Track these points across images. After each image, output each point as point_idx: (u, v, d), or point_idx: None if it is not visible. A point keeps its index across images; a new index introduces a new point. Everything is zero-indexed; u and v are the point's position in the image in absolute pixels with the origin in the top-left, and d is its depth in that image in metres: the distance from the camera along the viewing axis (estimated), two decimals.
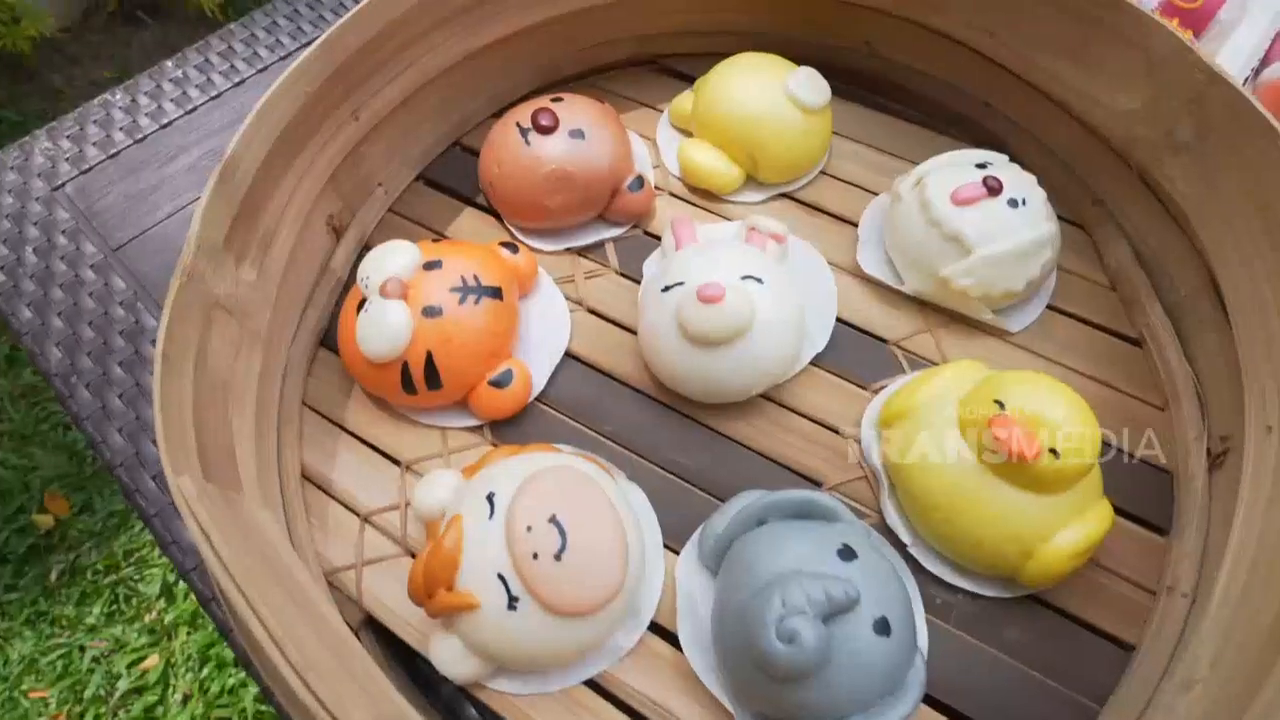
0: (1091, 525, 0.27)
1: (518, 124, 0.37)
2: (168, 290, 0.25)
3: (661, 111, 0.43)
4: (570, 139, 0.36)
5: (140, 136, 0.48)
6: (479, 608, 0.25)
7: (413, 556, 0.31)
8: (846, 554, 0.26)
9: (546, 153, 0.36)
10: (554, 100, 0.38)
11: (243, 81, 0.50)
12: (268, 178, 0.30)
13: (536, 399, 0.34)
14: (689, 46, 0.44)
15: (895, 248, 0.36)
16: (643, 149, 0.41)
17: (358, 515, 0.31)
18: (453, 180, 0.41)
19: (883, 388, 0.34)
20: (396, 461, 0.33)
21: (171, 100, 0.49)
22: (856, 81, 0.42)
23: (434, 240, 0.34)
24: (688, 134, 0.41)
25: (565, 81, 0.44)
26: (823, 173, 0.40)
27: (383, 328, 0.30)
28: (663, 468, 0.32)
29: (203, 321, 0.26)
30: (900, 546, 0.30)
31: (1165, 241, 0.34)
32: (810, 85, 0.38)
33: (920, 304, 0.36)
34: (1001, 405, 0.27)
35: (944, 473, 0.28)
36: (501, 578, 0.25)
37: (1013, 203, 0.33)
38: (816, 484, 0.32)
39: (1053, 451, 0.26)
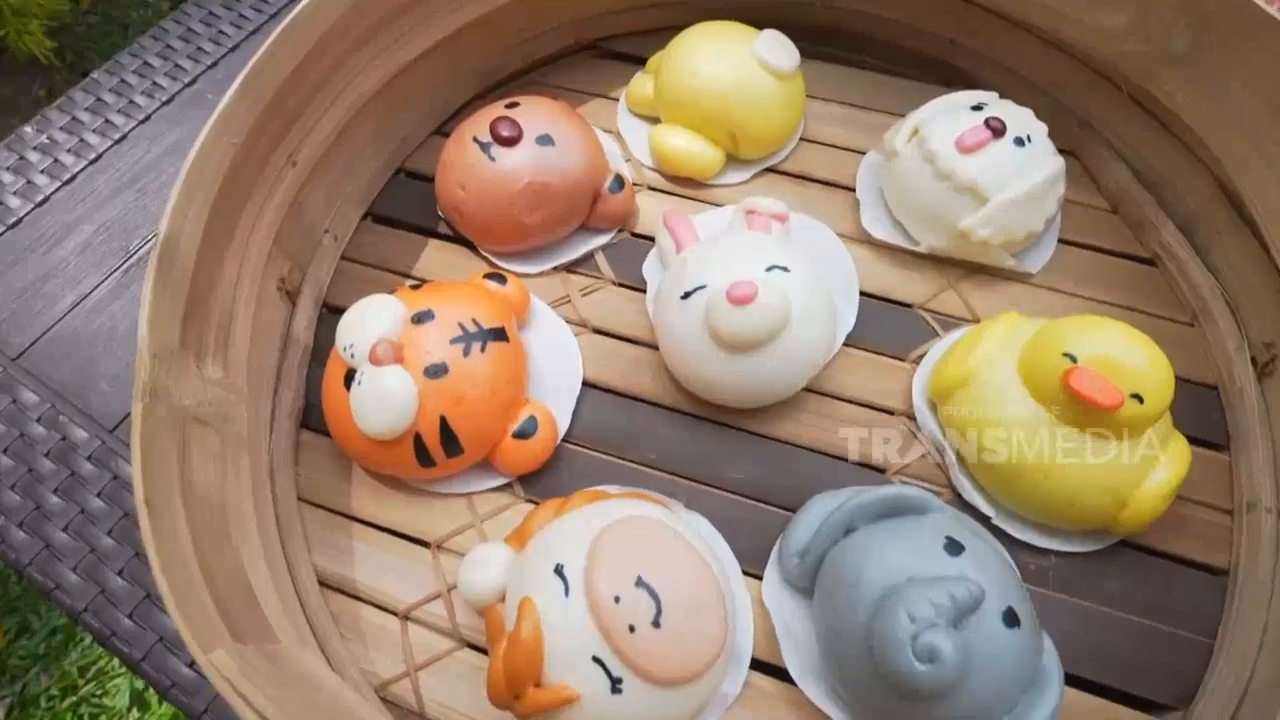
0: (1177, 461, 0.26)
1: (475, 139, 0.33)
2: (87, 397, 0.20)
3: (617, 100, 0.40)
4: (538, 146, 0.32)
5: (13, 220, 0.40)
6: (578, 700, 0.22)
7: (470, 647, 0.27)
8: (953, 548, 0.24)
9: (515, 166, 0.32)
10: (509, 106, 0.34)
11: (124, 137, 0.43)
12: (211, 253, 0.25)
13: (563, 440, 0.31)
14: (630, 24, 0.41)
15: (903, 207, 0.34)
16: (611, 144, 0.37)
17: (395, 614, 0.27)
18: (405, 212, 0.37)
19: (922, 355, 0.32)
20: (424, 543, 0.29)
21: (42, 171, 0.42)
22: (813, 38, 0.40)
23: (410, 286, 0.30)
24: (653, 120, 0.38)
25: (506, 83, 0.40)
26: (803, 139, 0.38)
27: (384, 400, 0.26)
28: (719, 487, 0.30)
29: (179, 444, 0.21)
30: (984, 520, 0.28)
31: (1166, 156, 0.33)
32: (779, 48, 0.35)
33: (935, 260, 0.34)
34: (1073, 358, 0.26)
35: (1022, 437, 0.27)
36: (598, 660, 0.22)
37: (1018, 141, 0.31)
38: (880, 470, 0.30)
39: (1135, 397, 0.25)
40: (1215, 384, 0.31)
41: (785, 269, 0.29)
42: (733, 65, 0.35)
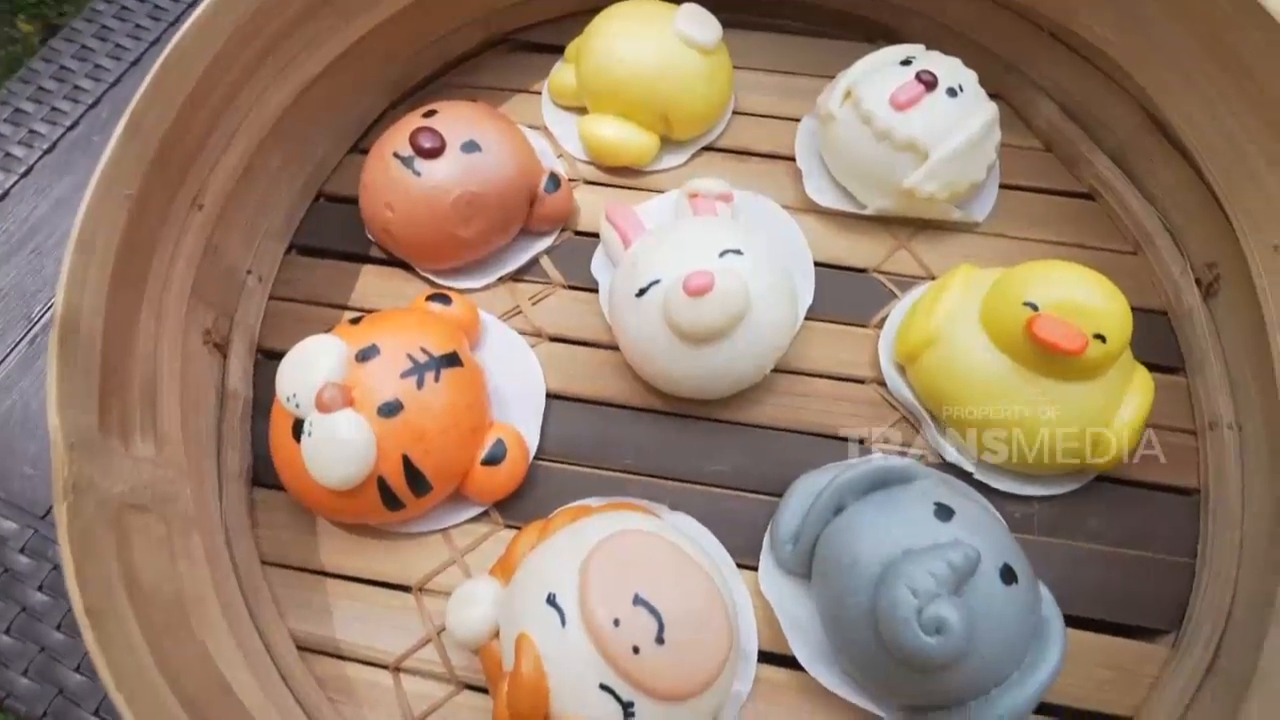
0: (1142, 391, 0.27)
1: (396, 154, 0.31)
2: (9, 485, 0.18)
3: (540, 94, 0.38)
4: (465, 154, 0.31)
5: None
6: None
7: (470, 689, 0.26)
8: (943, 513, 0.24)
9: (443, 178, 0.30)
10: (428, 115, 0.32)
11: (5, 194, 0.40)
12: (120, 318, 0.23)
13: (535, 458, 0.29)
14: (542, 12, 0.39)
15: (846, 171, 0.33)
16: (540, 141, 0.36)
17: (385, 668, 0.26)
18: (331, 240, 0.34)
19: (883, 319, 0.32)
20: (405, 588, 0.27)
21: None
22: (731, 6, 0.39)
23: (350, 321, 0.28)
24: (580, 110, 0.37)
25: (420, 89, 0.38)
26: (736, 113, 0.37)
27: (339, 449, 0.25)
28: (701, 483, 0.29)
29: (116, 539, 0.19)
30: (965, 476, 0.28)
31: (1092, 91, 0.33)
32: (700, 21, 0.34)
33: (884, 222, 0.34)
34: (1034, 307, 0.25)
35: (994, 391, 0.27)
36: (606, 688, 0.21)
37: (951, 92, 0.31)
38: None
39: (1098, 337, 0.25)
40: (1164, 309, 0.32)
41: (739, 252, 0.28)
42: (655, 45, 0.34)
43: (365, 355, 0.26)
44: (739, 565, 0.27)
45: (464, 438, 0.27)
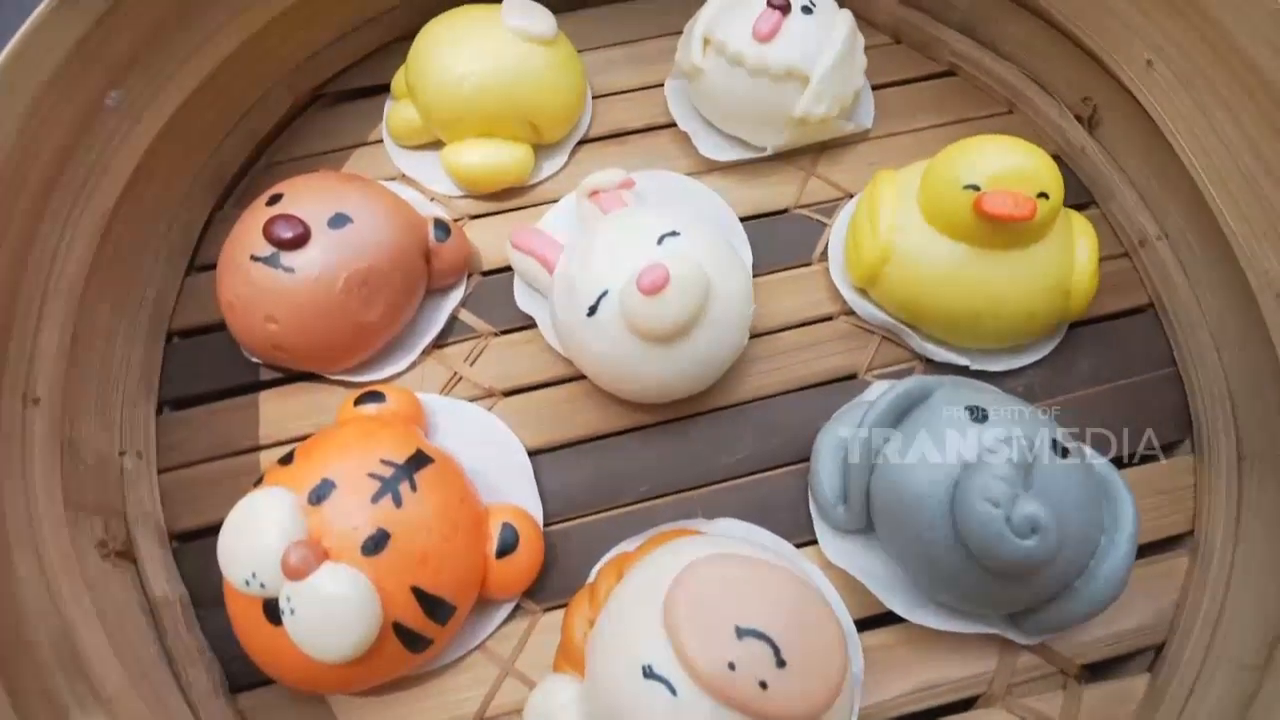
0: (1085, 230, 0.28)
1: (254, 257, 0.26)
2: None
3: (380, 142, 0.34)
4: (335, 230, 0.26)
5: None
6: None
7: None
8: (976, 414, 0.23)
9: (322, 265, 0.26)
10: (271, 202, 0.27)
11: None
12: None
13: (546, 526, 0.26)
14: (346, 56, 0.35)
15: (731, 120, 0.32)
16: (405, 191, 0.31)
17: None
18: (204, 379, 0.29)
19: (824, 251, 0.31)
20: None
21: None
22: None
23: (279, 463, 0.24)
24: (433, 145, 0.33)
25: (240, 180, 0.33)
26: (596, 98, 0.35)
27: (335, 614, 0.20)
28: (724, 479, 0.27)
29: None
30: (963, 370, 0.28)
31: None
32: (531, 13, 0.31)
33: (783, 157, 0.33)
34: (975, 187, 0.25)
35: (961, 280, 0.26)
36: None
37: (806, 9, 0.30)
38: (852, 377, 0.29)
39: (1042, 195, 0.25)
40: (1056, 154, 0.33)
41: (675, 233, 0.26)
42: (495, 51, 0.30)
43: (319, 495, 0.22)
44: (797, 546, 0.26)
45: (468, 538, 0.23)
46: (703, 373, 0.26)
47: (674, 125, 0.33)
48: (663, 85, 0.34)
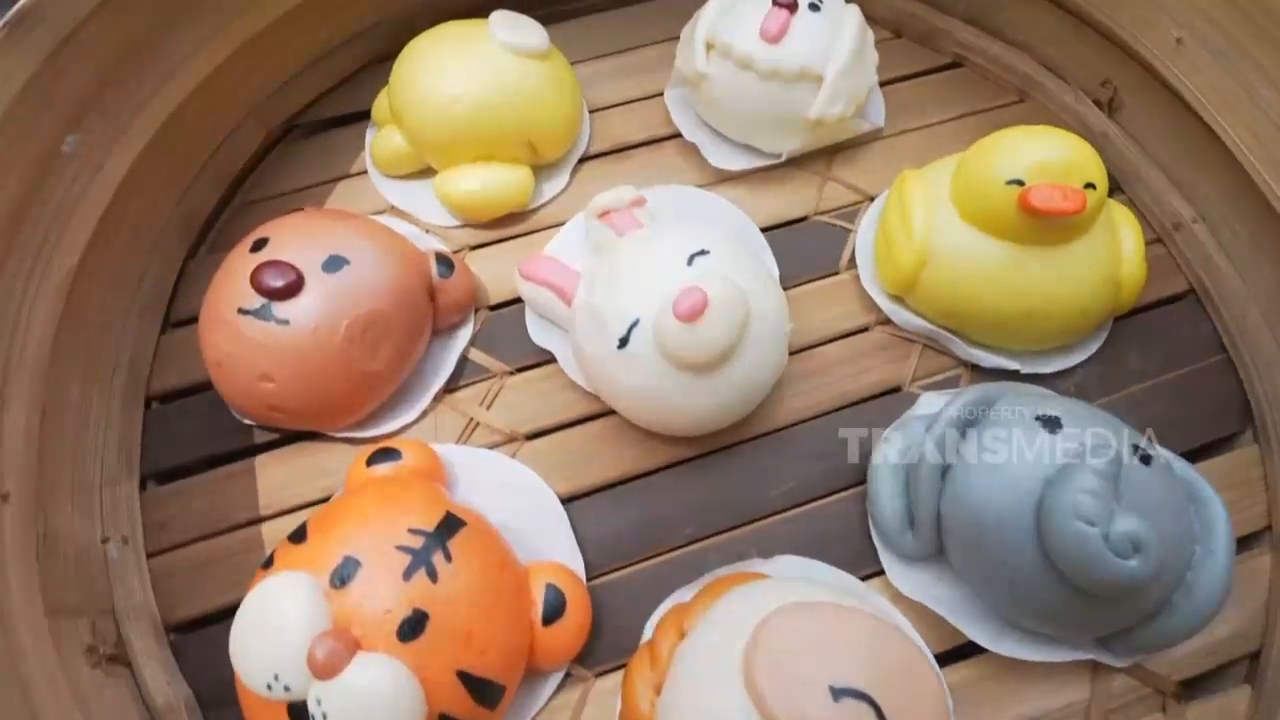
0: (1128, 219, 0.26)
1: (242, 310, 0.23)
2: None
3: (364, 173, 0.31)
4: (330, 275, 0.24)
5: None
6: None
7: None
8: (1049, 424, 0.22)
9: (320, 312, 0.23)
10: (257, 248, 0.24)
11: None
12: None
13: (589, 579, 0.24)
14: (315, 85, 0.32)
15: (742, 126, 0.30)
16: (398, 225, 0.29)
17: None
18: (189, 448, 0.26)
19: (851, 258, 0.29)
20: None
21: None
22: (520, 3, 0.34)
23: (290, 540, 0.21)
24: (424, 173, 0.31)
25: (213, 224, 0.30)
26: (593, 112, 0.33)
27: (374, 710, 0.18)
28: (772, 513, 0.25)
29: None
30: (1014, 375, 0.27)
31: None
32: (520, 25, 0.29)
33: (796, 163, 0.31)
34: (1019, 182, 0.24)
35: (1007, 280, 0.25)
36: None
37: (813, 6, 0.29)
38: (896, 390, 0.27)
39: (1089, 186, 0.24)
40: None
41: (705, 252, 0.24)
42: (487, 69, 0.28)
43: (343, 575, 0.19)
44: (862, 579, 0.24)
45: (512, 606, 0.21)
46: (745, 399, 0.24)
47: (678, 136, 0.32)
48: (661, 95, 0.33)
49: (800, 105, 0.29)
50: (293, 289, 0.23)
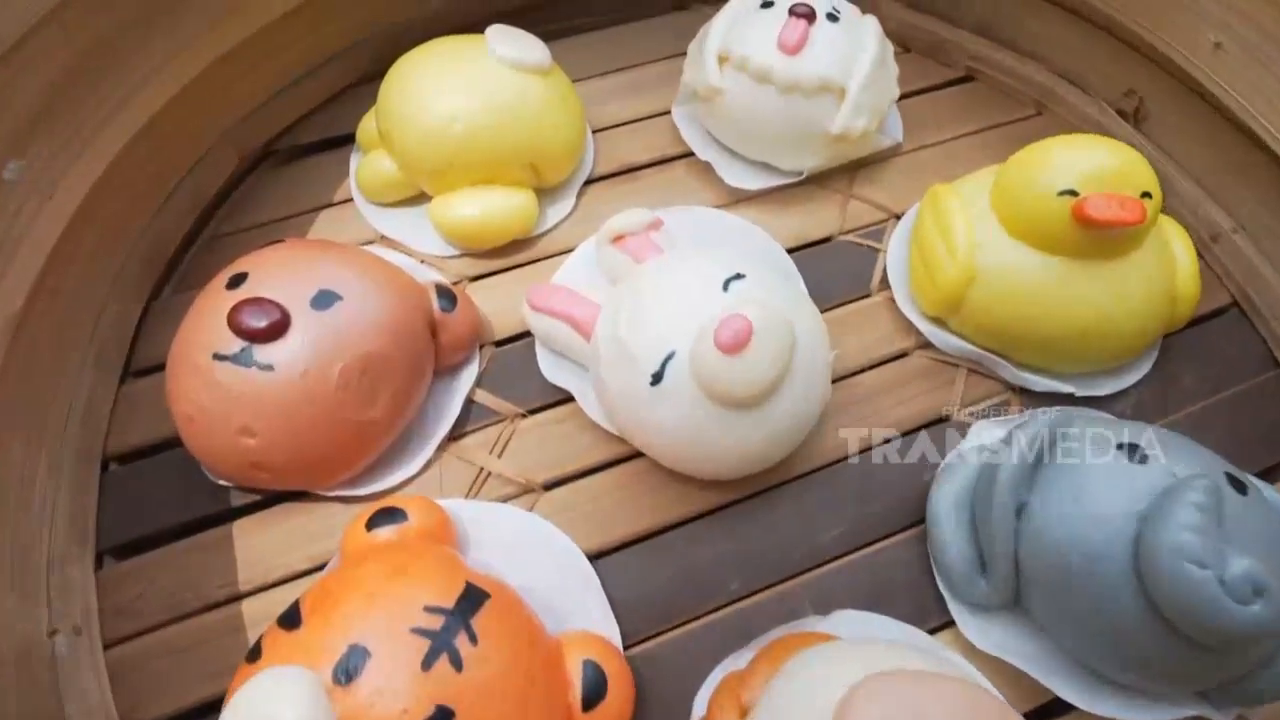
0: (1178, 231, 0.25)
1: (218, 355, 0.20)
2: None
3: (350, 201, 0.29)
4: (320, 313, 0.21)
5: None
6: None
7: None
8: (1133, 454, 0.20)
9: (309, 355, 0.20)
10: (234, 284, 0.21)
11: None
12: None
13: (627, 649, 0.21)
14: (294, 107, 0.30)
15: (758, 143, 0.28)
16: (391, 256, 0.26)
17: None
18: (155, 517, 0.23)
19: (883, 280, 0.27)
20: None
21: None
22: (529, 19, 0.32)
23: (281, 626, 0.18)
24: (416, 199, 0.28)
25: (181, 258, 0.27)
26: (596, 132, 0.31)
27: None
28: (823, 562, 0.23)
29: None
30: (1067, 399, 0.25)
31: None
32: (519, 40, 0.27)
33: (815, 181, 0.30)
34: (1073, 193, 0.22)
35: (1064, 300, 0.23)
36: None
37: (831, 17, 0.27)
38: (945, 419, 0.25)
39: (1145, 195, 0.22)
40: None
41: (740, 275, 0.22)
42: (485, 86, 0.26)
43: (349, 669, 0.16)
44: (930, 632, 0.21)
45: (546, 690, 0.18)
46: (791, 435, 0.22)
47: (688, 155, 0.30)
48: (667, 114, 0.31)
49: (821, 119, 0.27)
50: (277, 329, 0.20)
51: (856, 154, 0.29)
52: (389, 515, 0.20)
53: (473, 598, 0.18)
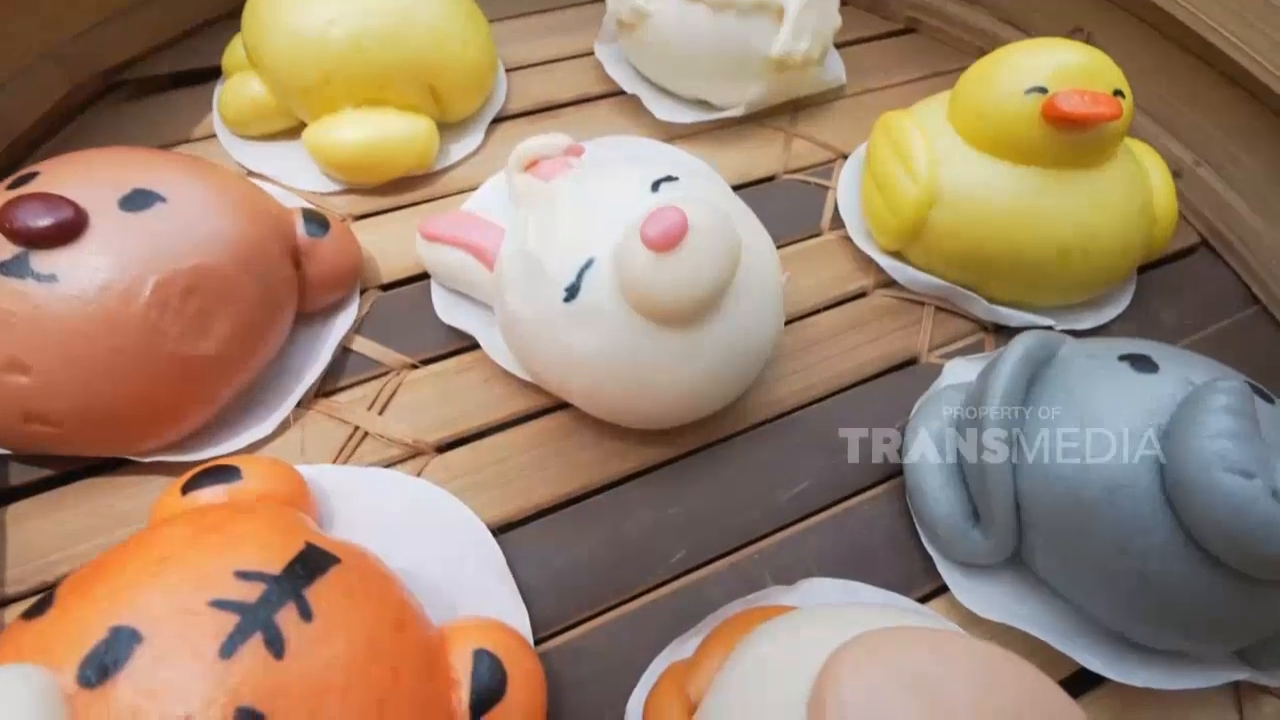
0: (1149, 151, 0.23)
1: None
2: None
3: (214, 136, 0.24)
4: (133, 215, 0.16)
5: None
6: None
7: None
8: (1141, 364, 0.17)
9: (112, 267, 0.15)
10: (20, 183, 0.16)
11: None
12: None
13: (539, 642, 0.16)
14: (146, 34, 0.25)
15: (690, 73, 0.25)
16: (268, 188, 0.22)
17: None
18: None
19: (833, 216, 0.24)
20: None
21: None
22: None
23: (24, 618, 0.12)
24: (291, 131, 0.24)
25: None
26: (509, 71, 0.27)
27: None
28: (790, 522, 0.18)
29: None
30: (1049, 328, 0.22)
31: None
32: None
33: (755, 121, 0.27)
34: (1042, 90, 0.20)
35: (1039, 215, 0.20)
36: None
37: None
38: (913, 361, 0.22)
39: (1117, 93, 0.20)
40: None
41: (672, 178, 0.18)
42: None
43: (106, 662, 0.11)
44: (920, 600, 0.17)
45: (417, 686, 0.13)
46: (737, 371, 0.18)
47: (614, 95, 0.27)
48: (590, 55, 0.28)
49: (757, 43, 0.24)
50: (67, 230, 0.15)
51: (798, 91, 0.26)
52: (216, 474, 0.15)
53: (312, 562, 0.13)
